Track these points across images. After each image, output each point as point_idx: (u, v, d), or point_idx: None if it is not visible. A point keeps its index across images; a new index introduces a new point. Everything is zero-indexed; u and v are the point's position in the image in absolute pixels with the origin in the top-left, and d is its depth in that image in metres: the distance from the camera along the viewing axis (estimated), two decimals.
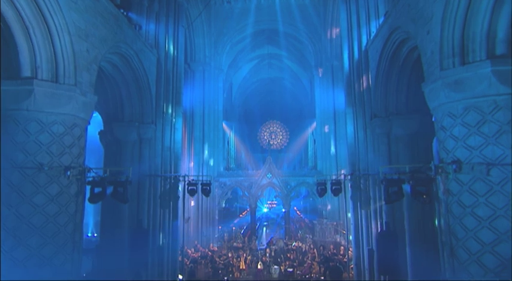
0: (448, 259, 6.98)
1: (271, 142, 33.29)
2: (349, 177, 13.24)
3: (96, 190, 8.21)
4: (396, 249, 10.33)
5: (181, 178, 14.15)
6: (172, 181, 13.90)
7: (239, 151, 32.60)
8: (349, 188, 13.40)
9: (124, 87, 12.30)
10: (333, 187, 13.37)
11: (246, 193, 23.59)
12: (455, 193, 6.78)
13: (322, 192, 13.70)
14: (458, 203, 6.70)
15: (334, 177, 14.13)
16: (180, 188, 14.33)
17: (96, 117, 13.42)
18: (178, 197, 14.25)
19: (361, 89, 12.96)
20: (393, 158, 11.36)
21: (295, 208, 31.32)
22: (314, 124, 25.84)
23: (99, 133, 13.17)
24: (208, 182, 14.15)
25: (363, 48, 12.94)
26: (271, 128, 40.35)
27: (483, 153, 6.39)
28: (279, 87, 36.04)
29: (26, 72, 7.52)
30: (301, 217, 26.36)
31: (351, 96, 13.47)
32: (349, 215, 13.70)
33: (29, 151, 7.47)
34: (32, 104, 7.48)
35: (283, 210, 27.83)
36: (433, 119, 11.23)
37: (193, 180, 14.08)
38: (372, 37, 12.45)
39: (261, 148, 38.42)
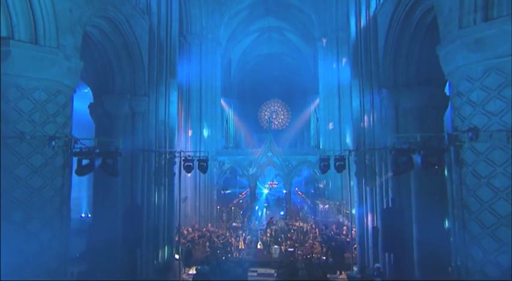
0: (459, 233, 6.74)
1: (272, 121, 32.86)
2: (353, 152, 12.95)
3: (84, 161, 7.91)
4: (402, 226, 10.16)
5: (176, 154, 13.85)
6: (168, 157, 13.62)
7: (238, 130, 32.31)
8: (354, 164, 13.15)
9: (114, 56, 11.81)
10: (337, 163, 13.10)
11: (245, 172, 23.40)
12: (470, 163, 6.46)
13: (325, 168, 13.44)
14: (473, 174, 6.39)
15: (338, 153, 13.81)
16: (176, 165, 14.05)
17: (88, 93, 13.02)
18: (174, 173, 14.00)
19: (369, 59, 12.46)
20: (401, 132, 10.99)
21: (296, 189, 31.28)
22: (317, 100, 25.36)
23: (89, 106, 12.80)
24: (205, 158, 13.86)
25: (371, 14, 12.34)
26: (272, 108, 39.90)
27: (504, 119, 6.02)
28: (280, 63, 35.24)
29: (2, 32, 7.05)
30: (303, 198, 26.29)
31: (357, 67, 12.98)
32: (354, 192, 13.48)
33: (8, 119, 7.10)
34: (10, 68, 7.06)
35: (284, 191, 27.83)
36: (445, 91, 10.97)
37: (189, 156, 13.79)
38: (381, 1, 11.83)
39: (262, 128, 38.05)
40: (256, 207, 26.37)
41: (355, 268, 13.13)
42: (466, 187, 6.53)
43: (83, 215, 20.55)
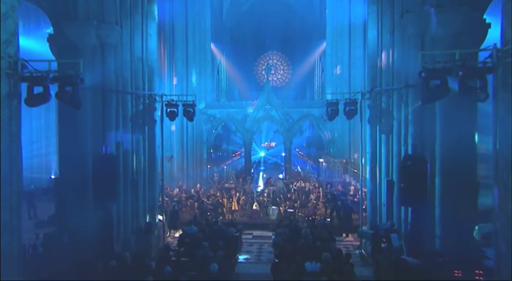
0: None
1: (270, 78, 31.56)
2: (367, 94, 12.07)
3: (36, 89, 6.94)
4: (424, 175, 9.52)
5: (157, 98, 12.91)
6: (147, 101, 12.66)
7: (232, 84, 31.12)
8: (367, 109, 12.33)
9: None
10: (347, 108, 12.27)
11: (239, 127, 22.58)
12: None
13: (333, 114, 12.62)
14: None
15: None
16: (157, 111, 13.16)
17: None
18: (155, 121, 13.14)
19: None
20: None
21: (297, 150, 30.73)
22: (322, 46, 24.08)
23: (48, 39, 11.66)
24: (192, 102, 12.94)
25: None
26: (270, 62, 38.34)
27: None
28: (280, 4, 33.30)
29: None
30: (304, 158, 25.75)
31: None
32: (365, 142, 12.76)
33: None
34: None
35: (283, 154, 27.22)
36: (484, 17, 9.91)
37: (173, 100, 12.85)
38: None
39: (259, 85, 36.73)
40: (252, 170, 25.92)
41: (364, 228, 12.72)
42: None
43: (53, 176, 19.85)
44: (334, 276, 8.25)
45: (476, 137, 9.66)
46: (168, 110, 12.80)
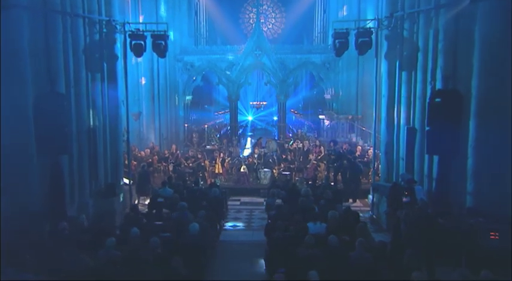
0: None
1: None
2: (385, 22, 11.25)
3: None
4: (457, 115, 8.91)
5: (119, 26, 11.84)
6: (104, 30, 11.59)
7: (213, 31, 29.79)
8: (384, 41, 11.57)
9: None
10: (359, 40, 11.47)
11: (223, 78, 21.61)
12: None
13: (341, 47, 11.79)
14: None
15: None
16: (118, 44, 12.15)
17: None
18: (117, 57, 12.12)
19: None
20: None
21: (292, 110, 30.05)
22: None
23: None
24: (163, 33, 11.93)
25: None
26: (260, 8, 36.76)
27: None
28: None
29: None
30: (301, 117, 25.11)
31: None
32: (382, 83, 12.07)
33: None
34: None
35: (275, 118, 26.36)
36: None
37: (139, 30, 11.83)
38: None
39: (245, 37, 35.40)
40: (240, 130, 25.24)
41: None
42: None
43: None
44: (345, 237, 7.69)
45: None
46: (133, 42, 11.80)
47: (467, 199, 9.27)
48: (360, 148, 17.08)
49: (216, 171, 16.22)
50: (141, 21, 19.76)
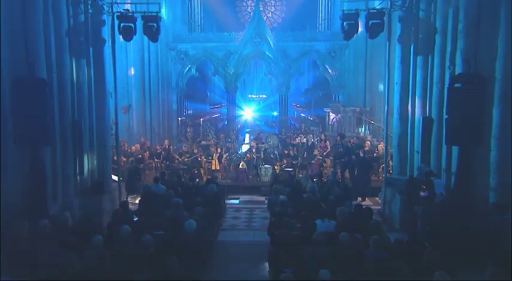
0: None
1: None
2: (399, 1, 11.01)
3: None
4: (479, 101, 8.66)
5: (106, 7, 11.55)
6: (90, 10, 11.28)
7: (208, 19, 29.49)
8: (398, 23, 11.32)
9: None
10: (370, 22, 11.20)
11: (219, 68, 21.35)
12: None
13: (350, 30, 11.49)
14: None
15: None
16: (105, 26, 11.86)
17: None
18: (104, 40, 11.83)
19: None
20: None
21: (294, 104, 29.75)
22: None
23: None
24: (155, 14, 11.63)
25: None
26: None
27: None
28: None
29: None
30: (303, 109, 24.82)
31: None
32: (394, 69, 11.82)
33: None
34: None
35: (275, 113, 26.06)
36: None
37: (128, 11, 11.52)
38: None
39: (243, 27, 35.09)
40: (236, 127, 24.93)
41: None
42: None
43: None
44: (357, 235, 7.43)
45: None
46: (122, 24, 11.48)
47: (490, 195, 9.04)
48: (369, 142, 16.84)
49: (213, 167, 15.98)
50: (130, 1, 19.53)
